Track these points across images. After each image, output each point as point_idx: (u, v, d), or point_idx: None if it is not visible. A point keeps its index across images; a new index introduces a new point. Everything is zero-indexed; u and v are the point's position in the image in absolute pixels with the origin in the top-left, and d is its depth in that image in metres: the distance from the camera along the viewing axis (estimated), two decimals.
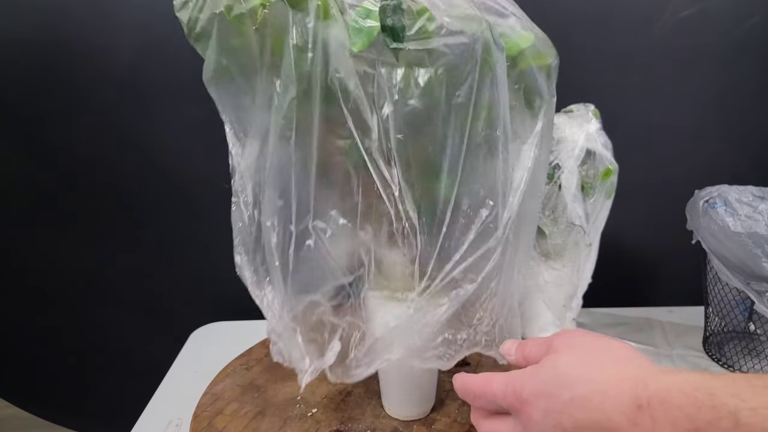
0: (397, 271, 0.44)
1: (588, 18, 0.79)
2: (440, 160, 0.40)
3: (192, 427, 0.56)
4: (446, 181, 0.40)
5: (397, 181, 0.40)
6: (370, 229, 0.42)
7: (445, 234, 0.41)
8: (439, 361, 0.45)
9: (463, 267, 0.42)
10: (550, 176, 0.63)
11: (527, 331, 0.75)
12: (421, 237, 0.42)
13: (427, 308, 0.44)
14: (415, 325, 0.44)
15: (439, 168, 0.40)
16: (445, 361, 0.45)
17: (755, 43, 0.79)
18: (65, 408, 1.03)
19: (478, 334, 0.45)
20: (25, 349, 0.98)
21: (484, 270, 0.43)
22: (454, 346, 0.45)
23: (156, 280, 0.93)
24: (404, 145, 0.39)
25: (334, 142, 0.39)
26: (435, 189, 0.41)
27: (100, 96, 0.81)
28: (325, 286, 0.44)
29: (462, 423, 0.56)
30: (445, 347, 0.45)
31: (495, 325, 0.46)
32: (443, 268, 0.42)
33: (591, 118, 0.66)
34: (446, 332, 0.45)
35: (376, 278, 0.45)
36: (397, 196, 0.40)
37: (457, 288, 0.43)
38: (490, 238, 0.42)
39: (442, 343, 0.45)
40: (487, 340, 0.46)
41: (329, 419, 0.57)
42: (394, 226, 0.41)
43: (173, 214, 0.89)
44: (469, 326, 0.45)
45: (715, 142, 0.84)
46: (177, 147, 0.84)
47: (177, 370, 0.72)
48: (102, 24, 0.77)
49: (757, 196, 0.63)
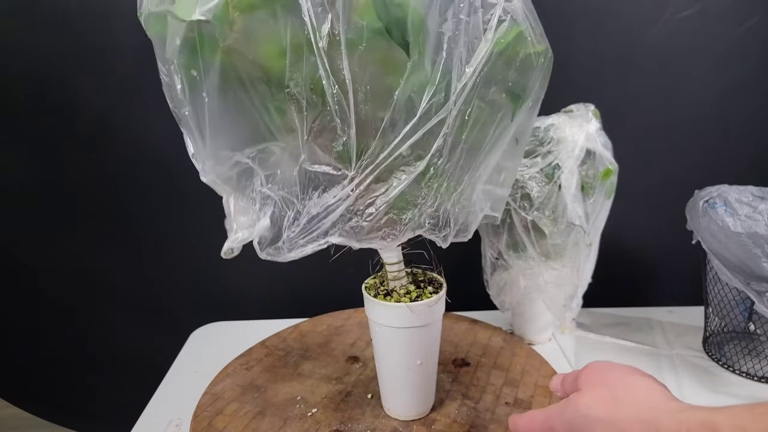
0: (333, 142, 0.40)
1: (588, 18, 0.79)
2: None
3: (192, 427, 0.56)
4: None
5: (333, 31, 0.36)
6: (300, 82, 0.38)
7: (393, 104, 0.39)
8: (382, 241, 0.44)
9: (411, 142, 0.40)
10: (550, 176, 0.63)
11: (527, 331, 0.75)
12: (363, 107, 0.38)
13: (371, 186, 0.41)
14: (357, 204, 0.42)
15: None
16: (388, 242, 0.44)
17: (755, 43, 0.79)
18: (65, 408, 1.03)
19: (422, 215, 0.44)
20: (25, 349, 0.98)
21: (433, 147, 0.41)
22: (398, 226, 0.44)
23: (156, 280, 0.93)
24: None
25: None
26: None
27: (100, 96, 0.81)
28: (250, 147, 0.42)
29: (461, 423, 0.56)
30: (389, 227, 0.43)
31: (440, 208, 0.45)
32: (389, 142, 0.40)
33: (591, 118, 0.66)
34: (391, 212, 0.43)
35: (309, 148, 0.41)
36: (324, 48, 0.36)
37: (404, 165, 0.41)
38: (440, 109, 0.39)
39: (386, 223, 0.43)
40: (431, 222, 0.45)
41: (329, 419, 0.57)
42: (328, 87, 0.37)
43: (173, 214, 0.89)
44: (414, 206, 0.43)
45: (715, 142, 0.84)
46: (177, 147, 0.84)
47: (177, 370, 0.72)
48: (102, 24, 0.77)
49: (757, 196, 0.63)
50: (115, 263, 0.91)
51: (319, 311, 0.82)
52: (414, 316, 0.50)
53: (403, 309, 0.50)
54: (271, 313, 0.85)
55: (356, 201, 0.42)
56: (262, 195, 0.43)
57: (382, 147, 0.40)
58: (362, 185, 0.41)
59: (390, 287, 0.53)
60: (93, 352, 0.97)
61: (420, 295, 0.52)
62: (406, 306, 0.50)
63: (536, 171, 0.63)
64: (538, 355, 0.69)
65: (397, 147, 0.40)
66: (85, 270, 0.92)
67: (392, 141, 0.40)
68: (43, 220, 0.89)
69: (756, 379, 0.66)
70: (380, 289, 0.53)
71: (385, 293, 0.52)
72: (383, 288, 0.53)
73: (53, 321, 0.95)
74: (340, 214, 0.42)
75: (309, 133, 0.39)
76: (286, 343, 0.73)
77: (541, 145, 0.64)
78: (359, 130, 0.39)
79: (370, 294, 0.52)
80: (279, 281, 0.92)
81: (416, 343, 0.53)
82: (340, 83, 0.37)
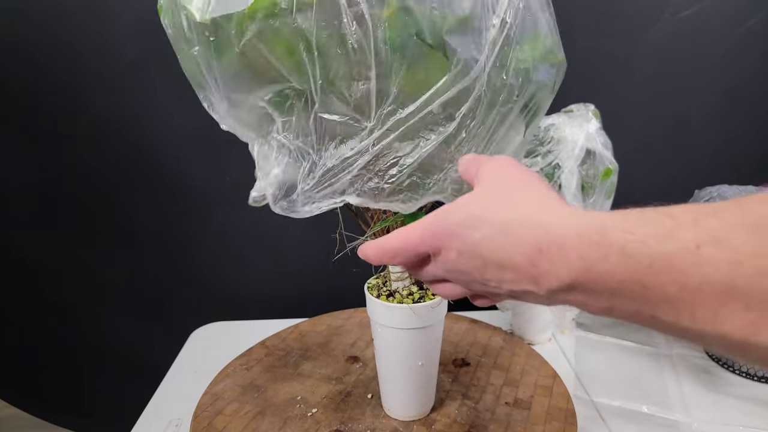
0: (353, 88, 0.37)
1: (588, 18, 0.79)
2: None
3: (192, 427, 0.56)
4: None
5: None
6: (310, 15, 0.34)
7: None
8: (402, 205, 0.41)
9: (442, 100, 0.36)
10: (550, 176, 0.63)
11: (527, 331, 0.75)
12: (383, 47, 0.35)
13: (394, 144, 0.38)
14: (378, 163, 0.38)
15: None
16: (408, 206, 0.41)
17: (755, 43, 0.79)
18: (65, 408, 1.03)
19: (447, 180, 0.41)
20: (25, 349, 0.98)
21: (463, 107, 0.37)
22: (421, 190, 0.41)
23: (156, 280, 0.93)
24: None
25: None
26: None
27: (100, 96, 0.81)
28: (263, 88, 0.39)
29: (462, 423, 0.56)
30: (411, 191, 0.40)
31: None
32: (417, 97, 0.36)
33: (591, 118, 0.66)
34: (415, 174, 0.40)
35: (323, 93, 0.37)
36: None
37: (433, 124, 0.38)
38: (469, 71, 0.37)
39: (408, 186, 0.40)
40: (454, 188, 0.42)
41: (329, 419, 0.57)
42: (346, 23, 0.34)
43: (173, 214, 0.89)
44: (440, 170, 0.40)
45: (715, 142, 0.84)
46: (177, 147, 0.84)
47: (177, 370, 0.72)
48: (102, 24, 0.77)
49: None
50: (115, 263, 0.91)
51: (319, 311, 0.82)
52: (416, 317, 0.50)
53: (405, 310, 0.50)
54: (271, 313, 0.85)
55: (378, 160, 0.39)
56: (278, 143, 0.41)
57: (405, 101, 0.36)
58: (384, 140, 0.38)
59: (393, 288, 0.53)
60: (93, 352, 0.97)
61: (423, 296, 0.52)
62: (408, 307, 0.50)
63: (536, 171, 0.63)
64: (538, 355, 0.69)
65: (427, 102, 0.37)
66: (85, 270, 0.92)
67: (420, 96, 0.36)
68: (43, 220, 0.89)
69: (756, 379, 0.66)
70: (383, 289, 0.53)
71: (387, 294, 0.52)
72: (386, 288, 0.53)
73: (53, 321, 0.95)
74: (359, 169, 0.39)
75: (323, 77, 0.36)
76: (286, 343, 0.73)
77: (541, 145, 0.64)
78: (380, 75, 0.36)
79: (373, 294, 0.52)
80: (279, 281, 0.92)
81: (418, 344, 0.53)
82: (357, 18, 0.34)
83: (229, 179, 0.85)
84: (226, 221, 0.89)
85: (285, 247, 0.90)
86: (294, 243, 0.89)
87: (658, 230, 0.23)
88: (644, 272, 0.23)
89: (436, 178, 0.41)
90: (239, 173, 0.86)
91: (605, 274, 0.24)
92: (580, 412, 0.58)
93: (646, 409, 0.61)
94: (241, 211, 0.88)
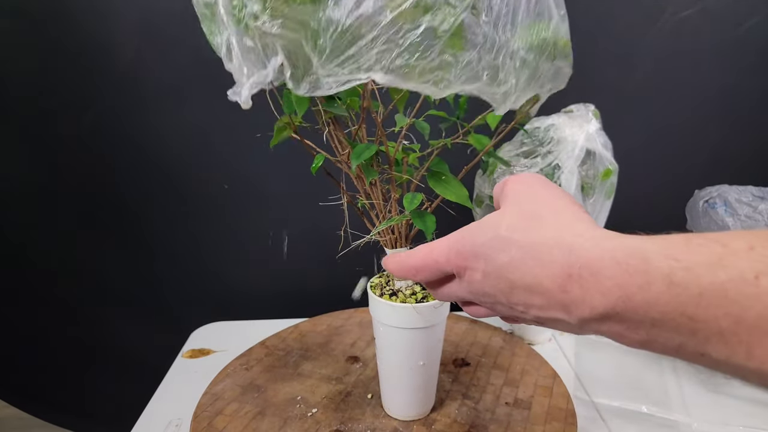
0: None
1: (588, 18, 0.79)
2: None
3: (192, 427, 0.56)
4: None
5: None
6: None
7: None
8: (434, 87, 0.37)
9: None
10: (550, 176, 0.63)
11: (527, 331, 0.75)
12: None
13: (418, 7, 0.34)
14: (403, 27, 0.34)
15: None
16: (440, 88, 0.37)
17: (755, 43, 0.79)
18: (65, 408, 1.03)
19: (482, 61, 0.37)
20: (25, 349, 0.98)
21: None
22: (453, 70, 0.36)
23: (156, 280, 0.93)
24: None
25: None
26: None
27: (100, 95, 0.81)
28: None
29: (462, 423, 0.56)
30: (443, 70, 0.36)
31: (500, 53, 0.37)
32: None
33: (591, 118, 0.66)
34: (447, 51, 0.36)
35: None
36: None
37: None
38: None
39: (440, 65, 0.36)
40: (489, 74, 0.38)
41: (329, 419, 0.57)
42: None
43: (173, 214, 0.89)
44: (473, 46, 0.36)
45: (715, 142, 0.84)
46: (177, 147, 0.84)
47: (177, 370, 0.72)
48: (102, 23, 0.77)
49: (757, 196, 0.63)
50: (116, 263, 0.91)
51: (319, 311, 0.82)
52: (419, 317, 0.50)
53: (408, 310, 0.50)
54: (271, 313, 0.85)
55: (398, 28, 0.34)
56: (260, 33, 0.35)
57: None
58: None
59: (396, 287, 0.53)
60: (93, 352, 0.97)
61: (426, 296, 0.52)
62: (411, 307, 0.50)
63: (536, 171, 0.63)
64: (538, 355, 0.69)
65: None
66: (85, 270, 0.92)
67: None
68: (43, 219, 0.89)
69: None
70: (386, 288, 0.53)
71: (390, 293, 0.52)
72: (389, 288, 0.53)
73: (53, 321, 0.95)
74: (381, 30, 0.34)
75: None
76: (286, 343, 0.73)
77: (541, 146, 0.64)
78: None
79: (376, 293, 0.52)
80: (279, 281, 0.92)
81: (420, 344, 0.52)
82: None
83: (228, 187, 0.86)
84: (226, 221, 0.89)
85: (285, 246, 0.90)
86: (294, 243, 0.89)
87: (708, 258, 0.21)
88: (693, 303, 0.21)
89: (470, 56, 0.36)
90: (240, 173, 0.86)
91: (646, 304, 0.22)
92: (580, 413, 0.58)
93: (646, 410, 0.61)
94: (241, 211, 0.88)
